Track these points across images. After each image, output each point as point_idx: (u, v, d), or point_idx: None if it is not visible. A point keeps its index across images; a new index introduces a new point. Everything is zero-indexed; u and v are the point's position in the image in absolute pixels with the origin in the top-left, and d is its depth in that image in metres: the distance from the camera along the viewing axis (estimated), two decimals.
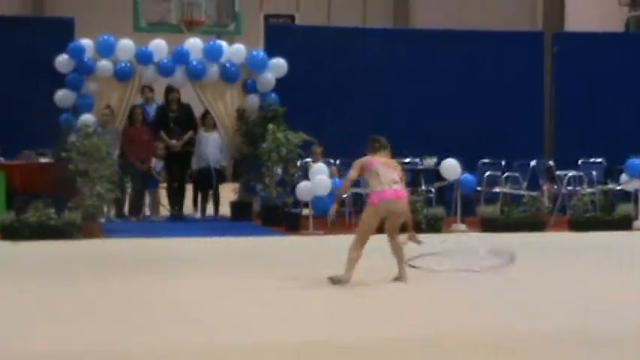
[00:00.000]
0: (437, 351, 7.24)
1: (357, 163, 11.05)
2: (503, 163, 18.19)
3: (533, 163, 18.34)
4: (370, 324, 8.27)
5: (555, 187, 17.94)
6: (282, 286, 10.34)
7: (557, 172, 18.08)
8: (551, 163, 18.44)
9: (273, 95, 17.89)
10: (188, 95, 18.64)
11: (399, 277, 10.70)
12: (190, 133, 18.12)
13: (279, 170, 16.84)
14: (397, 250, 10.80)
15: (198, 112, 18.53)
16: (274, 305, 9.24)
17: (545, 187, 17.82)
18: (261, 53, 18.16)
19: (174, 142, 17.94)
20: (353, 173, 11.03)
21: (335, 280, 10.41)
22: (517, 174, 18.07)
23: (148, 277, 11.09)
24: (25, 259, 12.81)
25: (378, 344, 7.39)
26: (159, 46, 17.69)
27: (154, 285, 10.49)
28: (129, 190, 17.79)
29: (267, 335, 7.72)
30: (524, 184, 17.89)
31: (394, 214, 10.71)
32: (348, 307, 9.31)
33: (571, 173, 17.91)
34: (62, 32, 17.70)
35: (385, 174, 10.76)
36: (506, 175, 17.98)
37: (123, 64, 17.40)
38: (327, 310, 9.16)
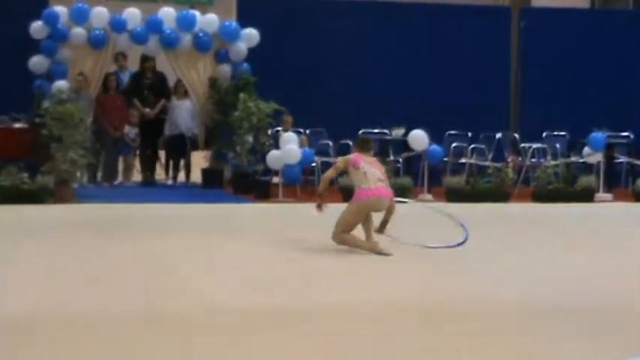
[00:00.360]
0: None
1: (343, 160, 11.01)
2: (469, 135, 18.24)
3: (498, 135, 18.40)
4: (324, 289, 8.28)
5: (520, 159, 18.02)
6: (241, 251, 10.34)
7: (522, 145, 18.17)
8: (516, 135, 18.51)
9: (245, 65, 17.83)
10: (161, 65, 18.55)
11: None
12: (163, 101, 18.07)
13: (250, 139, 16.80)
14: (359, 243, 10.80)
15: (171, 80, 18.44)
16: (232, 270, 9.22)
17: (509, 159, 17.87)
18: (234, 23, 18.07)
19: (147, 110, 17.87)
20: (335, 171, 10.96)
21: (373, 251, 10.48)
22: (483, 146, 18.12)
23: (117, 240, 11.06)
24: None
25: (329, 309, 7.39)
26: (133, 14, 17.57)
27: (122, 248, 10.47)
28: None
29: (218, 299, 7.71)
30: (490, 156, 17.95)
31: (378, 211, 10.74)
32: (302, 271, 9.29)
33: (535, 146, 18.00)
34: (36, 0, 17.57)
35: (371, 172, 10.77)
36: (472, 146, 18.03)
37: (97, 32, 17.28)
38: (287, 274, 9.14)
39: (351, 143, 17.53)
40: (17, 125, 16.21)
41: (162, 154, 18.46)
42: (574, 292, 8.44)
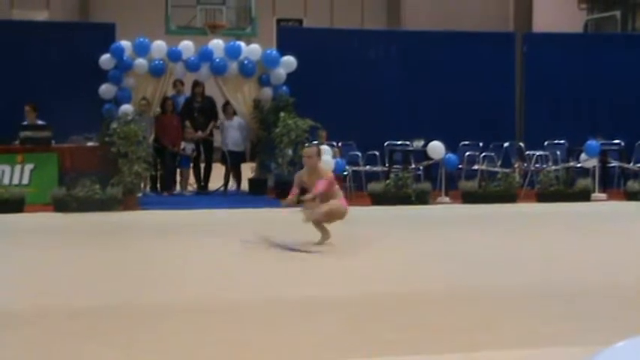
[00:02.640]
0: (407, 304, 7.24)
1: (330, 182, 10.89)
2: (481, 144, 18.16)
3: (506, 144, 18.32)
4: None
5: (525, 164, 17.93)
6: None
7: (527, 152, 18.07)
8: (521, 144, 18.42)
9: (284, 88, 17.85)
10: (211, 89, 18.63)
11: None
12: (213, 123, 18.14)
13: (289, 151, 16.81)
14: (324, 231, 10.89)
15: (218, 103, 18.51)
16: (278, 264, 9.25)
17: (516, 165, 17.78)
18: (274, 52, 18.12)
19: (199, 133, 17.91)
20: (323, 188, 10.85)
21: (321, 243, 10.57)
22: (493, 154, 18.04)
23: (177, 241, 11.14)
24: (73, 227, 12.83)
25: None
26: (187, 46, 17.65)
27: (181, 247, 10.53)
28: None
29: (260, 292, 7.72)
30: (499, 163, 17.87)
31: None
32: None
33: (538, 153, 17.91)
34: (105, 35, 17.65)
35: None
36: (483, 155, 17.96)
37: (156, 62, 17.36)
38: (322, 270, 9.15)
39: (378, 153, 17.56)
40: (90, 144, 16.29)
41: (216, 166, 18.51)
42: (574, 276, 8.43)
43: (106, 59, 17.11)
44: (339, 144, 17.58)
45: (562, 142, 18.42)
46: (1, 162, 15.43)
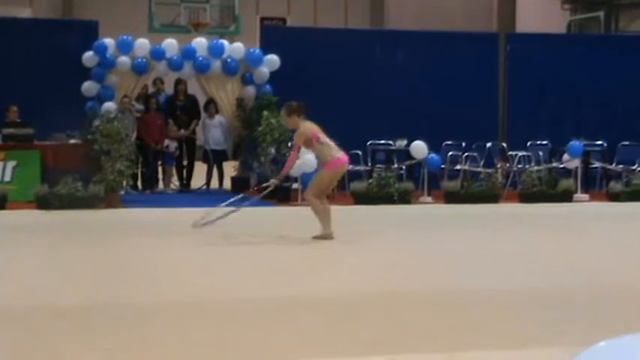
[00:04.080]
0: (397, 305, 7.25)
1: (301, 138, 10.83)
2: (463, 144, 18.18)
3: (489, 144, 18.34)
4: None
5: (508, 165, 17.97)
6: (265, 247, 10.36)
7: (510, 153, 18.11)
8: (504, 144, 18.46)
9: (267, 86, 17.85)
10: (193, 87, 18.60)
11: (326, 236, 10.68)
12: (195, 121, 18.12)
13: (272, 150, 16.81)
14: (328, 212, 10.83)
15: (201, 101, 18.49)
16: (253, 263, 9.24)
17: (499, 165, 17.82)
18: (258, 50, 18.11)
19: (182, 131, 17.88)
20: (297, 152, 10.85)
21: (321, 238, 10.46)
22: (475, 154, 18.07)
23: (155, 239, 11.12)
24: (55, 225, 12.79)
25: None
26: (170, 44, 17.62)
27: (160, 246, 10.51)
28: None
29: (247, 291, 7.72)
30: (482, 163, 17.89)
31: (341, 176, 10.78)
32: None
33: (521, 153, 17.94)
34: (88, 33, 17.61)
35: (330, 141, 10.74)
36: (466, 154, 17.98)
37: (139, 60, 17.33)
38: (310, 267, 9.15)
39: (359, 153, 17.55)
40: (72, 141, 16.24)
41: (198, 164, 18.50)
42: (556, 277, 8.45)
43: (89, 57, 17.06)
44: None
45: (545, 142, 18.47)
46: None
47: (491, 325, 6.50)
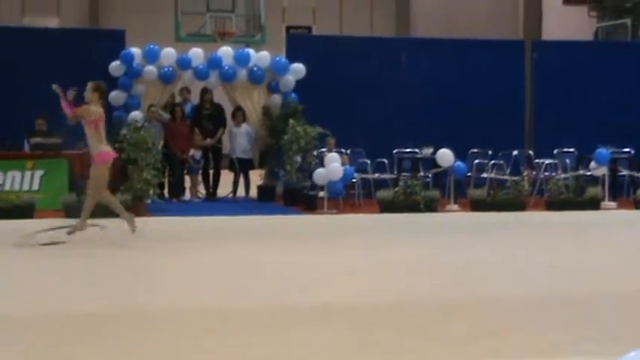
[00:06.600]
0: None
1: (87, 112, 10.79)
2: (490, 152, 18.14)
3: (515, 152, 18.28)
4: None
5: (534, 172, 17.89)
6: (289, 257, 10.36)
7: (536, 160, 18.04)
8: (530, 152, 18.39)
9: (293, 95, 17.89)
10: (218, 96, 18.66)
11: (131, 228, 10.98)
12: (221, 131, 18.15)
13: (298, 158, 16.83)
14: (115, 204, 10.89)
15: (227, 111, 18.53)
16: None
17: (525, 173, 17.74)
18: (283, 59, 18.16)
19: (208, 140, 17.92)
20: (74, 116, 10.79)
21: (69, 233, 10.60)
22: (502, 162, 18.02)
23: (184, 248, 11.16)
24: (83, 233, 12.82)
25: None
26: (197, 53, 17.70)
27: (186, 255, 10.55)
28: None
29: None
30: (508, 171, 17.84)
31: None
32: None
33: (548, 161, 17.88)
34: (115, 42, 17.72)
35: (104, 133, 10.82)
36: (492, 162, 17.94)
37: (166, 69, 17.41)
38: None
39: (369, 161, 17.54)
40: None
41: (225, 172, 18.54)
42: (582, 284, 8.41)
43: (115, 66, 17.17)
44: (348, 151, 17.58)
45: (571, 150, 18.38)
46: (11, 168, 15.49)
47: (517, 332, 6.46)
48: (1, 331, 6.49)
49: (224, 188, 18.34)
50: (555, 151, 18.42)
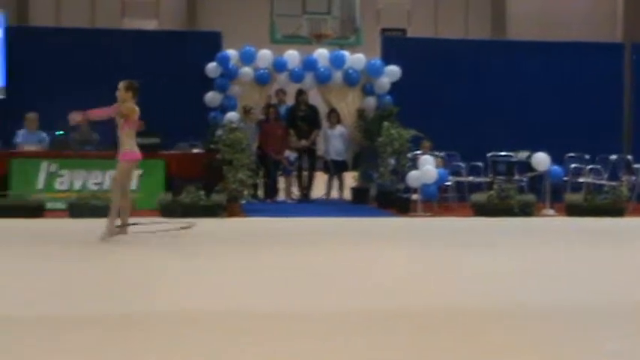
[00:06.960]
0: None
1: (131, 110, 10.81)
2: (587, 157, 17.87)
3: (613, 157, 17.96)
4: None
5: (633, 178, 17.54)
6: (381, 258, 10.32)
7: (635, 165, 17.68)
8: (629, 157, 18.03)
9: (388, 97, 17.88)
10: (313, 98, 18.74)
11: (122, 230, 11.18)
12: (316, 132, 18.20)
13: (392, 161, 16.81)
14: (115, 206, 10.90)
15: (322, 112, 18.60)
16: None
17: (623, 178, 17.41)
18: (378, 61, 18.17)
19: (303, 141, 18.00)
20: (111, 113, 10.84)
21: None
22: (599, 166, 17.72)
23: (278, 249, 11.22)
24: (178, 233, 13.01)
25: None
26: (292, 55, 17.83)
27: (282, 256, 10.59)
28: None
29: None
30: (606, 176, 17.53)
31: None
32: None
33: None
34: (211, 44, 17.96)
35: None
36: (589, 167, 17.65)
37: (262, 71, 17.57)
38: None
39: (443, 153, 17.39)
40: (195, 151, 16.55)
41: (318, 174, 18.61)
42: None
43: (212, 67, 17.39)
44: (442, 154, 17.49)
45: None
46: (110, 168, 15.74)
47: (574, 340, 6.33)
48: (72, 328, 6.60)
49: (318, 190, 18.41)
50: None
